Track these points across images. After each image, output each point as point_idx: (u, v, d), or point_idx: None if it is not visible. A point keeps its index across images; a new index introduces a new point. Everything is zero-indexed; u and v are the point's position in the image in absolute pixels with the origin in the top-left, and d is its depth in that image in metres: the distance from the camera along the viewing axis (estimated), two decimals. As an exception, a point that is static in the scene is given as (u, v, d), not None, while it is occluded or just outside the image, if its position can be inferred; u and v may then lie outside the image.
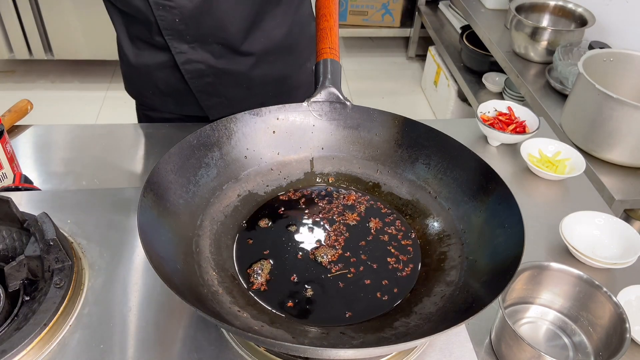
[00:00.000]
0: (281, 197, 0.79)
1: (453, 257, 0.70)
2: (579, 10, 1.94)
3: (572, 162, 1.00)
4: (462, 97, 2.54)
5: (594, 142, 1.38)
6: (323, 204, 0.78)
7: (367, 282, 0.68)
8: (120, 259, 0.74)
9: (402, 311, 0.65)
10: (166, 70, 1.03)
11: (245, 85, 1.03)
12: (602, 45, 1.67)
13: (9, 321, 0.64)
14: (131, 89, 1.14)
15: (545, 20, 2.05)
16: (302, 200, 0.79)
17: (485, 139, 1.08)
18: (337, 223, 0.76)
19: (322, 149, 0.83)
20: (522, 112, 1.10)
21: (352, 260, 0.71)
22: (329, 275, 0.68)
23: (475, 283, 0.64)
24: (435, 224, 0.75)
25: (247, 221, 0.75)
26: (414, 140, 0.80)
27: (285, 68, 1.09)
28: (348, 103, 0.80)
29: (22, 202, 0.82)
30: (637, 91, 1.47)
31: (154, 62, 1.02)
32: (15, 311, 0.66)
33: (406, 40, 3.37)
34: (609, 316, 0.68)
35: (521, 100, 2.13)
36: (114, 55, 2.89)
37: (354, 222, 0.76)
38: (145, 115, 1.17)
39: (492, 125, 1.06)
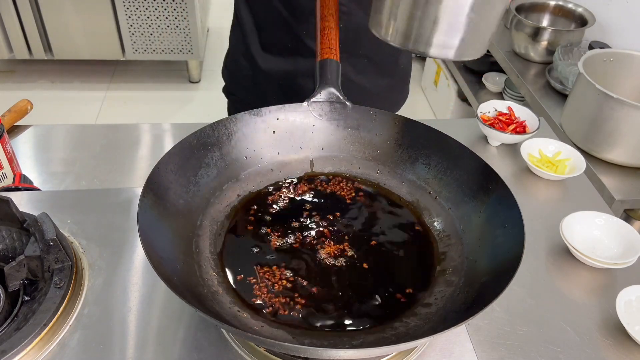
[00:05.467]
0: (281, 197, 0.79)
1: (453, 257, 0.70)
2: (579, 10, 1.94)
3: (572, 162, 1.00)
4: (462, 97, 2.54)
5: (594, 142, 1.38)
6: (324, 203, 0.78)
7: (367, 283, 0.68)
8: (120, 259, 0.74)
9: (402, 311, 0.65)
10: (303, 78, 1.02)
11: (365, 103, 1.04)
12: (602, 45, 1.67)
13: (9, 321, 0.64)
14: (241, 92, 1.13)
15: (545, 20, 2.05)
16: (303, 200, 0.79)
17: (485, 139, 1.08)
18: (338, 223, 0.75)
19: (322, 149, 0.83)
20: (522, 112, 1.10)
21: (352, 261, 0.71)
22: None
23: (476, 283, 0.64)
24: (435, 224, 0.75)
25: (247, 221, 0.75)
26: (414, 140, 0.80)
27: (392, 95, 1.15)
28: (348, 103, 0.80)
29: (22, 202, 0.81)
30: (637, 91, 1.47)
31: (293, 68, 1.01)
32: (15, 311, 0.66)
33: (406, 40, 3.36)
34: None
35: (521, 100, 2.13)
36: (114, 55, 2.86)
37: (355, 223, 0.76)
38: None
39: (492, 125, 1.05)
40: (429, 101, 2.91)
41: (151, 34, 2.59)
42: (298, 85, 1.03)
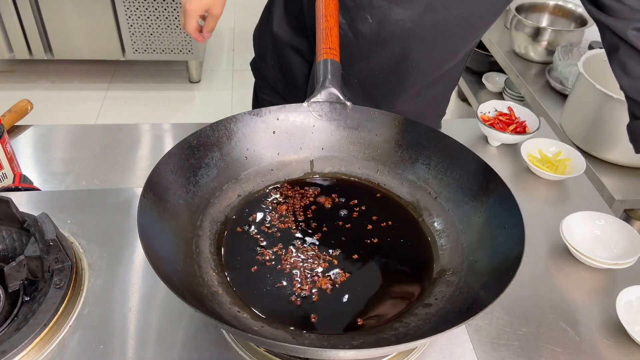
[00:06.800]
0: (280, 197, 0.79)
1: (453, 257, 0.70)
2: (579, 10, 1.94)
3: (572, 162, 1.00)
4: (462, 97, 2.54)
5: (594, 142, 1.38)
6: (323, 203, 0.78)
7: (367, 284, 0.68)
8: (120, 259, 0.74)
9: (402, 312, 0.65)
10: (301, 59, 1.01)
11: None
12: (602, 46, 1.67)
13: (9, 321, 0.64)
14: (260, 61, 1.13)
15: (545, 20, 2.04)
16: (303, 200, 0.79)
17: (485, 139, 1.08)
18: (338, 224, 0.75)
19: (322, 149, 0.83)
20: (522, 113, 1.10)
21: (352, 262, 0.71)
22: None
23: (476, 284, 0.64)
24: (435, 224, 0.75)
25: (247, 221, 0.75)
26: (414, 140, 0.80)
27: None
28: (348, 103, 0.80)
29: (22, 202, 0.82)
30: (637, 91, 1.46)
31: (295, 44, 1.01)
32: (15, 311, 0.66)
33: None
34: None
35: (521, 100, 2.13)
36: (114, 55, 2.86)
37: (355, 224, 0.76)
38: (261, 100, 1.16)
39: (492, 126, 1.06)
40: (429, 101, 2.90)
41: (151, 34, 2.59)
42: (295, 67, 1.03)
